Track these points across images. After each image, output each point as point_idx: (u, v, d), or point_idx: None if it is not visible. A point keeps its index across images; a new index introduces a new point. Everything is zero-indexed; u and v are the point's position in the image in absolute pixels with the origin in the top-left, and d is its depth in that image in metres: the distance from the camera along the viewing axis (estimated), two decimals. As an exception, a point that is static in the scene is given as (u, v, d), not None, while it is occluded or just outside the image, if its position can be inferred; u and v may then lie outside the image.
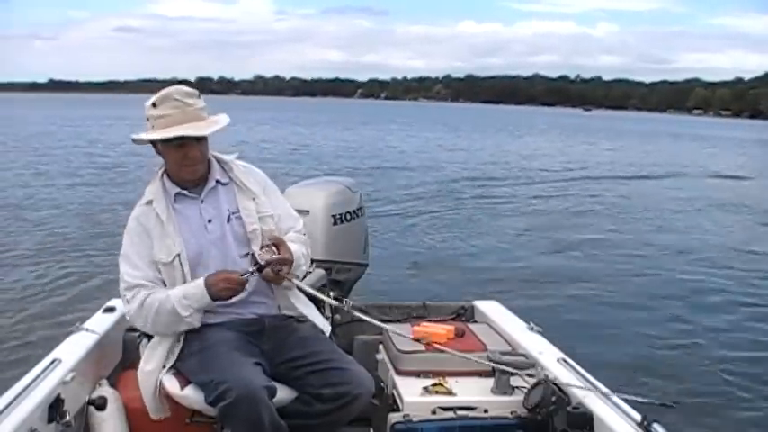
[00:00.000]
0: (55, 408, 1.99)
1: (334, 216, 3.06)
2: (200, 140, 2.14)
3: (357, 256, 3.19)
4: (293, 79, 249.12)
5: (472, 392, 2.28)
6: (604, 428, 1.97)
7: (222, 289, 2.06)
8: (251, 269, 2.08)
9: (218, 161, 2.27)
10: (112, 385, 2.37)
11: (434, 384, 2.30)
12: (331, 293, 2.92)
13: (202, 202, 2.21)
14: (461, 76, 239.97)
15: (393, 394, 2.36)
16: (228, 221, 2.20)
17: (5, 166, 16.05)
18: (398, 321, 2.88)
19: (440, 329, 2.55)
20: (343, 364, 2.11)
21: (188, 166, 2.16)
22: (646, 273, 8.22)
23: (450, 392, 2.27)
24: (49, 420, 1.96)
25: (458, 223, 10.97)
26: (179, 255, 2.11)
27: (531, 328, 2.75)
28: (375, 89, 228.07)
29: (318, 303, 2.80)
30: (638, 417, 1.95)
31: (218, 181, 2.24)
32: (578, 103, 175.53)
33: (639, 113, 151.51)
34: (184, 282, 2.11)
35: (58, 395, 2.02)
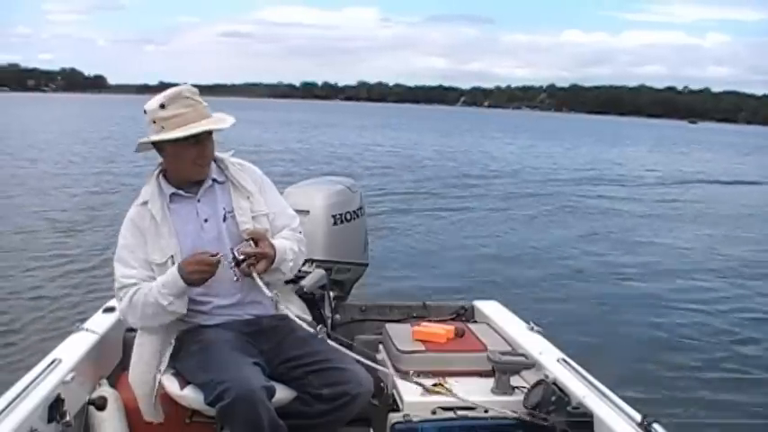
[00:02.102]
0: (55, 408, 1.99)
1: (334, 216, 3.06)
2: (212, 137, 2.15)
3: (357, 255, 3.18)
4: (397, 86, 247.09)
5: (472, 392, 2.27)
6: (604, 428, 1.97)
7: (192, 271, 2.02)
8: (230, 263, 2.07)
9: (215, 159, 2.26)
10: (112, 385, 2.37)
11: (434, 384, 2.30)
12: (331, 293, 2.93)
13: (199, 201, 2.20)
14: (566, 85, 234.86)
15: (393, 394, 2.36)
16: (224, 220, 2.19)
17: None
18: (398, 321, 2.88)
19: (440, 329, 2.55)
20: (343, 364, 2.10)
21: (200, 164, 2.17)
22: (646, 273, 8.23)
23: (450, 392, 2.27)
24: (49, 420, 1.96)
25: (460, 223, 10.98)
26: (172, 256, 2.11)
27: (531, 328, 2.75)
28: (478, 97, 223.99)
29: (318, 304, 2.81)
30: (638, 417, 1.94)
31: (214, 180, 2.23)
32: (685, 114, 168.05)
33: (749, 127, 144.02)
34: None
35: (58, 395, 2.02)
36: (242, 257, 2.06)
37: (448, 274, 7.59)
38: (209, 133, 2.14)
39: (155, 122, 2.09)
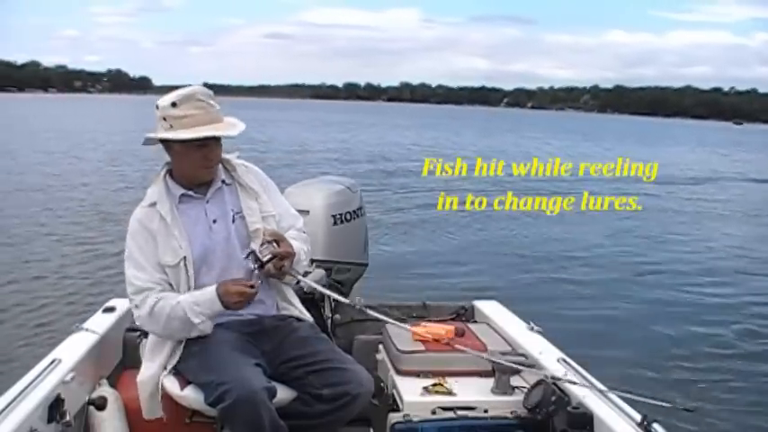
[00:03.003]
0: (55, 408, 1.99)
1: (334, 216, 3.06)
2: (219, 141, 2.15)
3: (357, 256, 3.19)
4: (439, 87, 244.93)
5: (472, 392, 2.27)
6: (604, 428, 1.97)
7: (236, 302, 2.05)
8: (253, 266, 2.07)
9: (222, 161, 2.26)
10: (112, 385, 2.37)
11: (434, 384, 2.30)
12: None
13: (207, 202, 2.20)
14: (610, 86, 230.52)
15: (393, 394, 2.36)
16: (233, 222, 2.19)
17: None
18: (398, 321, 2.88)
19: (440, 329, 2.55)
20: (343, 364, 2.10)
21: (207, 167, 2.16)
22: (646, 273, 8.23)
23: (450, 392, 2.27)
24: (49, 420, 1.96)
25: (461, 223, 10.99)
26: (185, 258, 2.10)
27: (531, 328, 2.75)
28: (521, 98, 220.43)
29: (318, 304, 2.81)
30: (638, 417, 1.94)
31: (223, 181, 2.23)
32: (731, 116, 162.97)
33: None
34: (189, 283, 2.10)
35: (58, 395, 2.02)
36: (267, 258, 2.06)
37: (448, 273, 7.59)
38: (216, 138, 2.13)
39: (165, 120, 2.09)
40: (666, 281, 7.86)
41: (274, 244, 2.09)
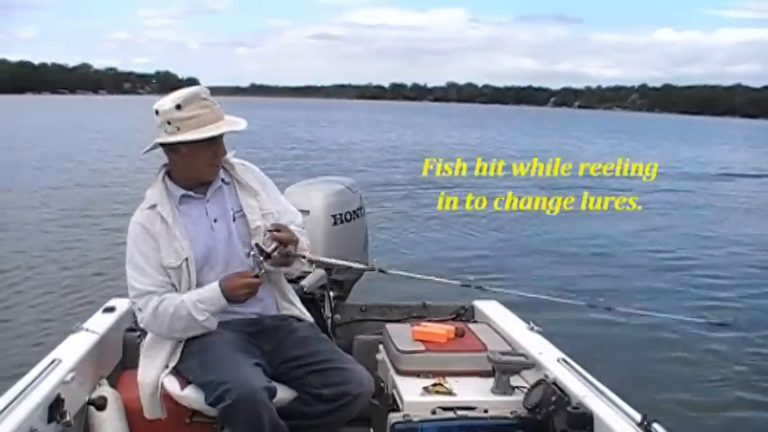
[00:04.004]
0: (55, 408, 1.98)
1: (334, 216, 3.06)
2: (222, 138, 2.16)
3: (357, 256, 3.18)
4: (485, 87, 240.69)
5: (472, 392, 2.27)
6: (604, 428, 1.97)
7: (243, 294, 2.06)
8: (259, 258, 2.07)
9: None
10: (112, 385, 2.37)
11: (434, 384, 2.30)
12: (331, 293, 2.93)
13: (208, 201, 2.20)
14: (658, 85, 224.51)
15: (393, 394, 2.36)
16: (234, 220, 2.20)
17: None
18: (398, 321, 2.88)
19: (440, 329, 2.55)
20: (343, 364, 2.11)
21: (215, 165, 2.18)
22: (647, 273, 8.23)
23: (450, 392, 2.27)
24: (49, 420, 1.96)
25: (464, 222, 10.99)
26: (187, 259, 2.11)
27: (531, 328, 2.75)
28: (569, 98, 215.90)
29: (318, 304, 2.81)
30: (638, 417, 1.94)
31: (222, 180, 2.24)
32: None
33: None
34: (191, 283, 2.11)
35: (58, 395, 2.02)
36: (272, 247, 2.07)
37: (448, 273, 7.58)
38: (221, 136, 2.15)
39: (169, 123, 2.08)
40: (667, 281, 7.86)
41: (275, 232, 2.10)
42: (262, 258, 2.07)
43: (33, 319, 5.54)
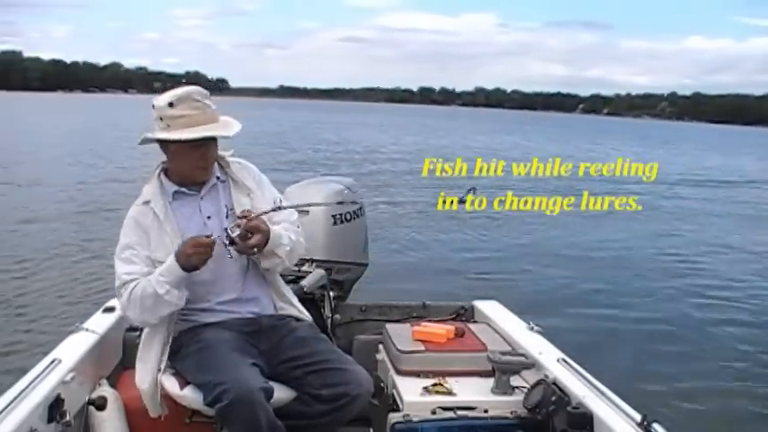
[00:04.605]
0: (55, 408, 1.98)
1: (334, 216, 3.06)
2: (215, 141, 2.16)
3: (357, 255, 3.19)
4: (514, 92, 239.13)
5: (472, 392, 2.27)
6: (604, 428, 1.97)
7: (191, 254, 2.02)
8: (224, 242, 2.07)
9: (216, 158, 2.27)
10: (112, 385, 2.37)
11: (434, 384, 2.30)
12: (331, 293, 2.93)
13: (202, 198, 2.21)
14: (688, 93, 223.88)
15: (393, 394, 2.36)
16: (227, 218, 2.20)
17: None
18: (398, 321, 2.88)
19: (440, 329, 2.55)
20: (342, 365, 2.11)
21: (202, 167, 2.17)
22: (646, 273, 8.23)
23: (450, 392, 2.27)
24: (49, 420, 1.96)
25: (461, 222, 10.98)
26: None
27: (531, 328, 2.75)
28: (597, 105, 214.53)
29: (318, 304, 2.81)
30: (638, 417, 1.94)
31: (217, 178, 2.25)
32: None
33: None
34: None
35: (58, 395, 2.02)
36: (236, 234, 2.07)
37: (448, 273, 7.59)
38: (213, 138, 2.14)
39: (161, 120, 2.10)
40: (667, 280, 7.86)
41: (244, 220, 2.09)
42: (227, 243, 2.08)
43: (33, 319, 5.54)
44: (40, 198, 11.77)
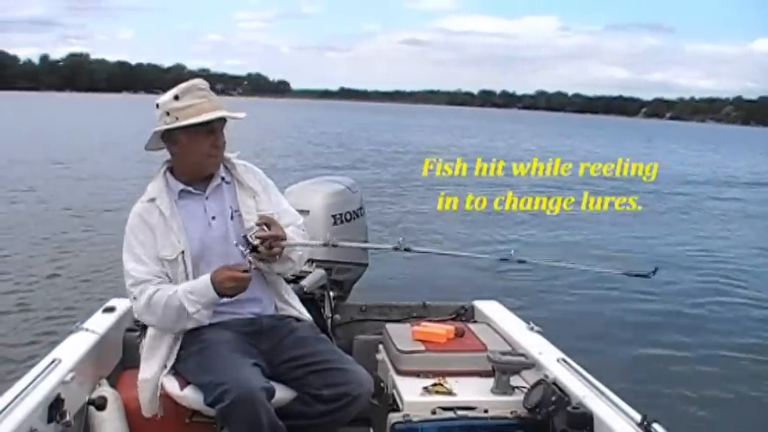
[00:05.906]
0: (55, 408, 1.98)
1: (334, 216, 3.06)
2: (223, 129, 2.18)
3: (357, 256, 3.19)
4: (575, 96, 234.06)
5: (472, 392, 2.28)
6: (604, 428, 1.97)
7: (229, 288, 2.05)
8: (245, 250, 2.07)
9: (222, 159, 2.27)
10: (112, 385, 2.37)
11: (434, 384, 2.30)
12: (331, 293, 2.93)
13: (207, 198, 2.22)
14: (754, 97, 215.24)
15: (393, 394, 2.36)
16: (231, 219, 2.20)
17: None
18: (398, 321, 2.88)
19: (440, 329, 2.55)
20: (343, 365, 2.11)
21: (214, 155, 2.18)
22: (646, 272, 8.20)
23: (450, 392, 2.27)
24: (49, 420, 1.96)
25: (461, 222, 10.98)
26: (183, 252, 2.12)
27: (531, 328, 2.75)
28: (660, 109, 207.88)
29: (318, 304, 2.81)
30: (638, 417, 1.94)
31: (222, 178, 2.26)
32: None
33: None
34: (187, 278, 2.11)
35: (58, 395, 2.02)
36: (257, 242, 2.06)
37: (448, 273, 7.58)
38: (222, 125, 2.16)
39: (168, 114, 2.11)
40: (667, 280, 7.85)
41: (264, 227, 2.10)
42: (248, 251, 2.07)
43: (33, 319, 5.53)
44: (107, 192, 11.91)
